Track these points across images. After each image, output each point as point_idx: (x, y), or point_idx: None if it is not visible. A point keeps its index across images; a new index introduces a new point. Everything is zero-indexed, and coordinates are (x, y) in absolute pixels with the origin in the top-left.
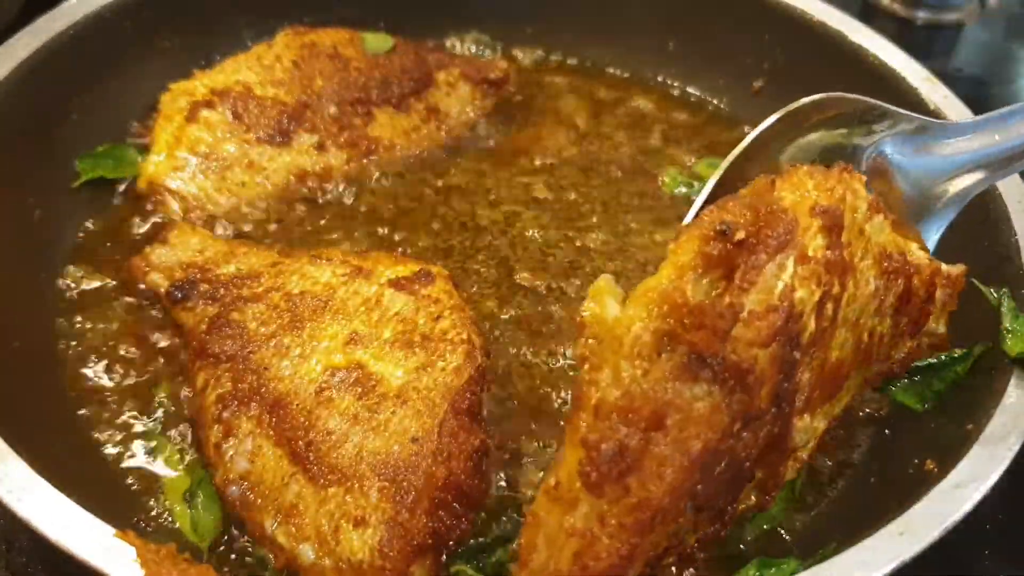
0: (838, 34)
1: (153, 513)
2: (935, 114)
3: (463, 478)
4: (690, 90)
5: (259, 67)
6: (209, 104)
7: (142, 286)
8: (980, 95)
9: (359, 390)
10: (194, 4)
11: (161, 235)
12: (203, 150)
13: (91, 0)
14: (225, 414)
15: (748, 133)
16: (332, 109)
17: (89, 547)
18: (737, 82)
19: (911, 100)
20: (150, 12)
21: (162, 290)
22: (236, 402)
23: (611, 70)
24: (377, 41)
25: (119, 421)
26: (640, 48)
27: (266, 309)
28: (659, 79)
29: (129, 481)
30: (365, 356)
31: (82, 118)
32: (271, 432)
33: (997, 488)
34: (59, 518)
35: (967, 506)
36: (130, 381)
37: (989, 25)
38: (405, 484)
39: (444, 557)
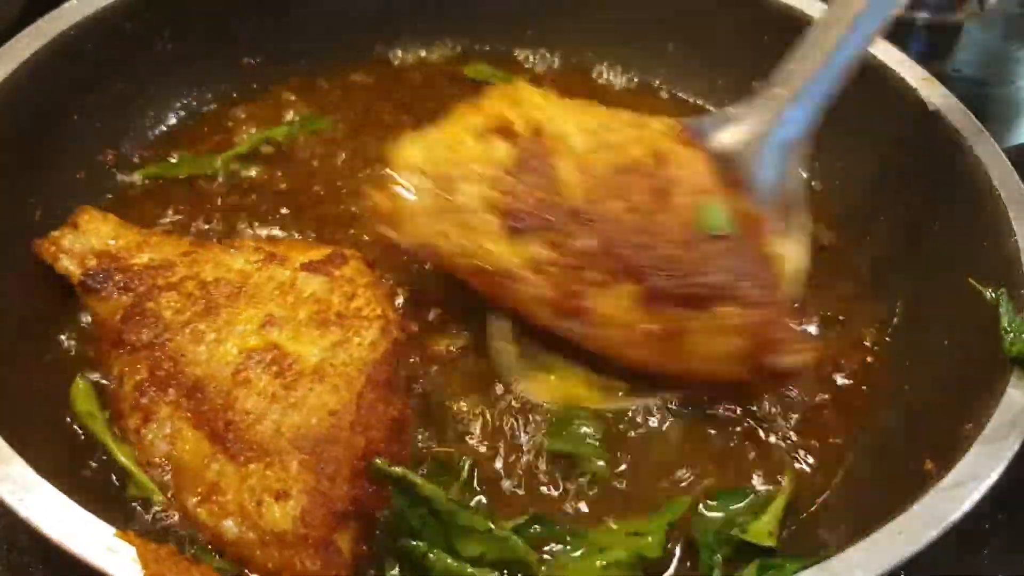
0: None
1: (154, 512)
2: (934, 115)
3: (383, 446)
4: (689, 91)
5: (597, 135)
6: (510, 134)
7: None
8: (978, 95)
9: (276, 369)
10: (193, 7)
11: (70, 219)
12: (449, 173)
13: (93, 1)
14: (143, 400)
15: None
16: (588, 242)
17: (90, 546)
18: (736, 83)
19: (909, 100)
20: (151, 14)
21: (75, 278)
22: (154, 388)
23: (610, 73)
24: (716, 217)
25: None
26: (639, 50)
27: (180, 297)
28: (658, 81)
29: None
30: (281, 337)
31: (83, 119)
32: (189, 415)
33: (996, 487)
34: (60, 518)
35: (966, 506)
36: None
37: (987, 26)
38: (325, 455)
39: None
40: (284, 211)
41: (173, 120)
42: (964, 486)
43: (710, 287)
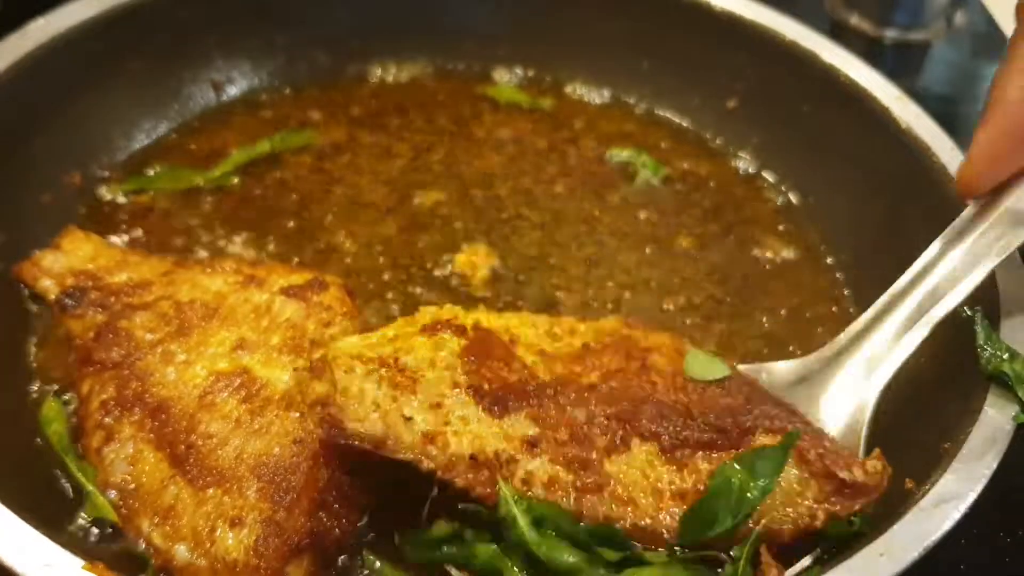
0: (810, 54)
1: (124, 544)
2: (907, 132)
3: (346, 479)
4: (664, 109)
5: (545, 329)
6: (459, 331)
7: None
8: (947, 113)
9: (243, 394)
10: (163, 24)
11: (54, 241)
12: (401, 358)
13: (59, 21)
14: (107, 419)
15: (722, 150)
16: (581, 414)
17: None
18: (711, 102)
19: (883, 119)
20: (119, 33)
21: (52, 297)
22: (119, 408)
23: (584, 90)
24: (703, 365)
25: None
26: (614, 68)
27: (154, 317)
28: (632, 99)
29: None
30: (251, 361)
31: (49, 139)
32: (152, 436)
33: (973, 503)
34: (29, 551)
35: (947, 525)
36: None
37: (956, 44)
38: (284, 484)
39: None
40: (264, 231)
41: (143, 141)
42: (944, 505)
43: (730, 421)
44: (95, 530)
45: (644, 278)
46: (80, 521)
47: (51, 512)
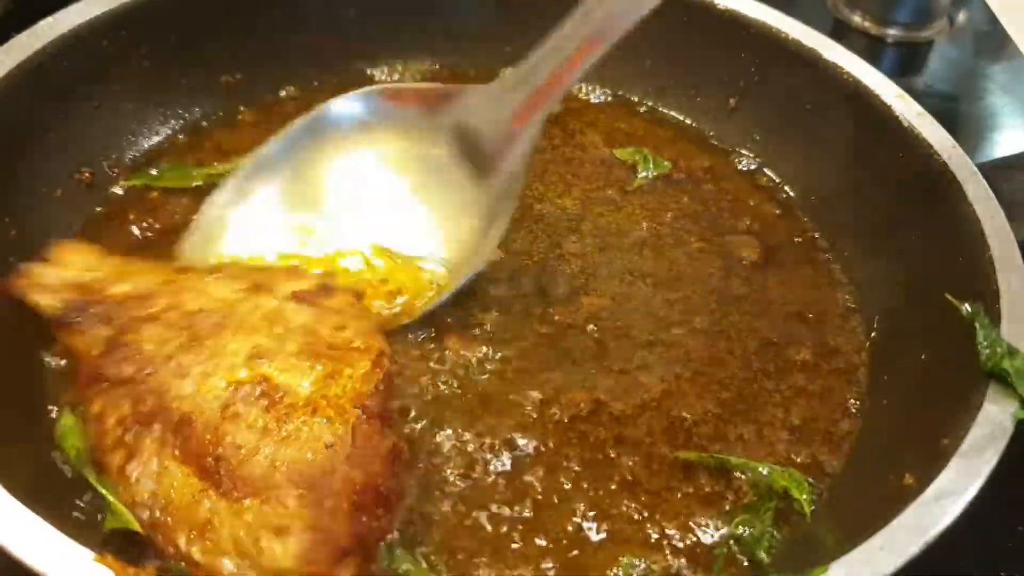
0: (812, 52)
1: (133, 535)
2: (909, 131)
3: (380, 480)
4: (668, 107)
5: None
6: None
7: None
8: (950, 111)
9: (266, 403)
10: (171, 24)
11: (45, 253)
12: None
13: (67, 19)
14: (127, 437)
15: (724, 148)
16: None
17: (68, 572)
18: (713, 100)
19: (885, 117)
20: (127, 31)
21: (49, 313)
22: (137, 424)
23: (587, 88)
24: None
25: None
26: (617, 67)
27: (162, 329)
28: (636, 97)
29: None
30: (270, 369)
31: (59, 137)
32: (176, 451)
33: (973, 499)
34: (37, 542)
35: (947, 519)
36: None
37: (958, 42)
38: (323, 490)
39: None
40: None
41: (153, 139)
42: (943, 500)
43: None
44: (121, 543)
45: (646, 273)
46: (104, 533)
47: (75, 526)
